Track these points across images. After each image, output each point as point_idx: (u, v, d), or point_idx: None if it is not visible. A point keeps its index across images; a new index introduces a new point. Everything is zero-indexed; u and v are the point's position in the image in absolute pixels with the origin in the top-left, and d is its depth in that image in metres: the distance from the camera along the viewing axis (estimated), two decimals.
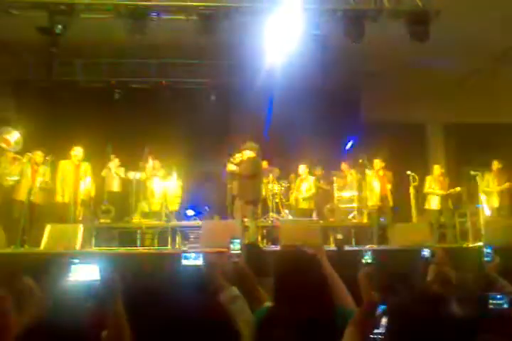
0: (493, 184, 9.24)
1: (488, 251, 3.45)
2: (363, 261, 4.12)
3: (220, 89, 11.17)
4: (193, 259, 2.84)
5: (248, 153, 7.74)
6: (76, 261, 2.35)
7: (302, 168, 10.01)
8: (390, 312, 1.90)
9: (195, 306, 1.33)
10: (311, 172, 10.14)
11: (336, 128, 11.24)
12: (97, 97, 11.04)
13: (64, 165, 8.31)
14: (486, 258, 3.42)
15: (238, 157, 7.86)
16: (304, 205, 9.94)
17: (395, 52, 9.55)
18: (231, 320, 1.42)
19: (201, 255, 2.90)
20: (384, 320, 1.85)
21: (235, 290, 2.42)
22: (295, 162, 10.42)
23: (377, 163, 8.99)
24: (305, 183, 9.94)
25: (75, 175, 8.27)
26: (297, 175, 10.13)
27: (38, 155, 8.25)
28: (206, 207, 10.28)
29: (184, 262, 2.85)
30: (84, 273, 2.33)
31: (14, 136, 8.43)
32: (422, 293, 2.73)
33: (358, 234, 9.53)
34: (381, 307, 1.95)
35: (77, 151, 8.35)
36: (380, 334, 1.89)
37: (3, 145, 8.28)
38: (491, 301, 2.21)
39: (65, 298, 2.30)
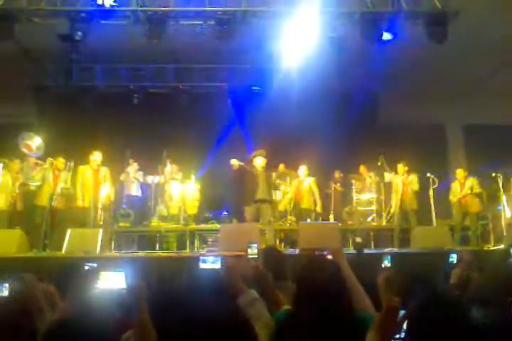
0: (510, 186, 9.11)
1: None
2: (383, 265, 4.09)
3: (238, 93, 11.22)
4: (211, 263, 2.86)
5: (260, 160, 8.25)
6: (92, 265, 2.38)
7: (302, 169, 9.79)
8: (410, 316, 1.88)
9: (214, 310, 1.33)
10: (310, 174, 9.96)
11: (354, 131, 11.18)
12: (116, 102, 11.18)
13: (83, 170, 8.38)
14: None
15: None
16: (304, 205, 9.71)
17: (413, 54, 9.47)
18: (249, 323, 1.42)
19: (219, 258, 2.91)
20: (405, 325, 1.84)
21: (253, 293, 2.43)
22: (314, 164, 10.37)
23: (401, 167, 8.97)
24: (305, 184, 9.73)
25: (95, 179, 8.34)
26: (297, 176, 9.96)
27: (60, 162, 8.34)
28: (225, 212, 10.27)
29: (202, 265, 2.87)
30: (111, 281, 2.35)
31: (36, 141, 8.55)
32: (443, 296, 2.70)
33: (377, 237, 9.46)
34: (402, 312, 1.93)
35: (97, 156, 8.43)
36: (401, 339, 1.87)
37: (26, 150, 8.41)
38: None
39: (91, 305, 2.33)
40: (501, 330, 1.73)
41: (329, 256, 2.87)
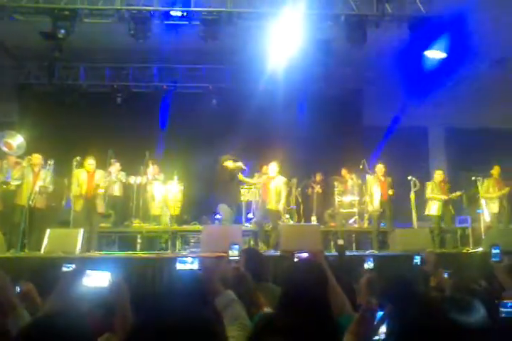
0: (493, 189, 9.21)
1: (497, 251, 3.42)
2: (365, 266, 4.12)
3: (222, 94, 11.19)
4: (188, 264, 2.85)
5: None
6: (70, 266, 2.36)
7: (273, 166, 8.61)
8: (390, 318, 1.89)
9: (187, 310, 1.33)
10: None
11: (338, 132, 11.24)
12: (99, 101, 11.09)
13: (79, 173, 8.21)
14: (494, 259, 3.39)
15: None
16: (271, 206, 8.46)
17: (396, 56, 9.56)
18: (220, 325, 1.41)
19: (197, 259, 2.90)
20: (383, 328, 1.85)
21: (231, 294, 2.42)
22: (297, 165, 10.40)
23: (380, 168, 8.94)
24: (274, 182, 8.54)
25: (89, 182, 8.16)
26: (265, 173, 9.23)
27: (36, 158, 8.18)
28: (218, 214, 10.16)
29: (179, 266, 2.86)
30: (95, 280, 2.35)
31: (17, 140, 8.43)
32: (423, 298, 2.72)
33: (359, 239, 9.51)
34: (380, 314, 1.93)
35: (91, 161, 8.24)
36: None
37: (6, 149, 8.28)
38: (502, 309, 2.12)
39: (70, 304, 2.31)
40: (482, 330, 1.74)
41: (307, 256, 2.88)
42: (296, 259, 3.10)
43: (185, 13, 8.11)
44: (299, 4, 7.79)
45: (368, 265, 4.38)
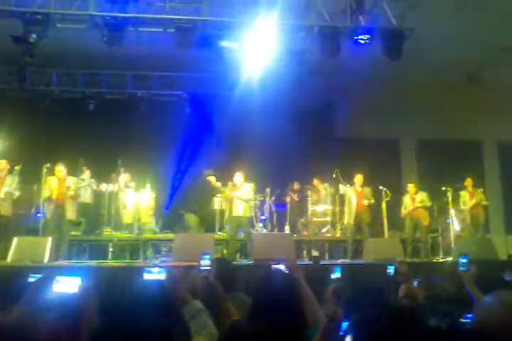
0: (466, 200, 9.40)
1: (464, 261, 3.45)
2: (333, 276, 4.12)
3: (196, 102, 11.15)
4: (155, 273, 2.82)
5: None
6: (37, 276, 2.31)
7: (238, 177, 8.77)
8: (358, 327, 1.88)
9: (150, 320, 1.31)
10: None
11: (310, 142, 11.32)
12: (71, 108, 10.90)
13: (50, 180, 8.03)
14: (461, 268, 3.42)
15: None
16: (239, 214, 8.52)
17: (369, 68, 9.71)
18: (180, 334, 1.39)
19: (164, 269, 2.87)
20: (348, 338, 1.83)
21: (198, 304, 2.40)
22: (270, 175, 10.43)
23: (359, 178, 9.03)
24: (239, 191, 8.61)
25: (60, 189, 7.99)
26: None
27: (0, 164, 8.01)
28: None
29: (147, 276, 2.82)
30: (65, 286, 2.32)
31: None
32: (391, 307, 2.73)
33: (331, 248, 9.56)
34: (345, 324, 1.93)
35: (61, 167, 8.08)
36: None
37: None
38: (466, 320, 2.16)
39: (39, 312, 2.26)
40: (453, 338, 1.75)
41: (285, 269, 2.87)
42: (269, 270, 3.09)
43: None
44: (273, 15, 7.84)
45: (335, 275, 4.37)
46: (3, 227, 7.75)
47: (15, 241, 7.07)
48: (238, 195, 8.48)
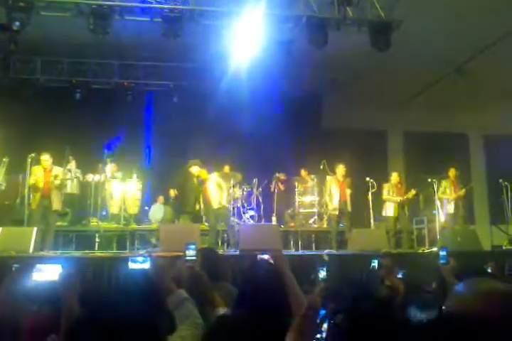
0: (450, 191, 9.48)
1: (444, 253, 3.50)
2: (319, 276, 4.12)
3: (183, 92, 11.08)
4: (140, 263, 2.82)
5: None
6: (18, 266, 2.31)
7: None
8: (333, 316, 1.90)
9: (131, 309, 1.31)
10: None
11: (298, 134, 11.33)
12: (58, 97, 10.77)
13: (35, 170, 7.96)
14: (441, 261, 3.47)
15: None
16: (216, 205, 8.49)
17: (357, 60, 9.71)
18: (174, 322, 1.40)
19: (149, 258, 2.87)
20: (325, 326, 1.86)
21: (182, 293, 2.40)
22: (257, 166, 10.44)
23: (341, 168, 9.03)
24: (211, 182, 8.58)
25: (46, 178, 7.91)
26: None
27: None
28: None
29: (131, 265, 2.83)
30: (45, 274, 2.31)
31: None
32: (373, 297, 2.77)
33: (318, 239, 9.61)
34: (322, 312, 1.95)
35: (47, 157, 8.00)
36: (322, 339, 1.89)
37: None
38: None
39: (18, 302, 2.26)
40: (434, 330, 1.77)
41: (270, 260, 2.89)
42: (255, 260, 3.11)
43: None
44: (261, 4, 7.79)
45: (321, 275, 4.35)
46: None
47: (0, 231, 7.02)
48: (217, 180, 8.52)
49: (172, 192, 10.33)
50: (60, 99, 10.73)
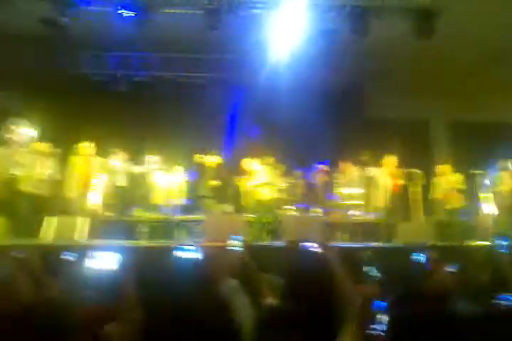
0: (500, 182, 9.21)
1: (505, 243, 3.41)
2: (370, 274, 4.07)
3: (223, 84, 11.12)
4: (190, 252, 2.84)
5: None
6: (71, 256, 2.37)
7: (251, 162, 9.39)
8: (392, 310, 1.90)
9: (192, 298, 1.34)
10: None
11: (340, 123, 11.20)
12: (101, 90, 11.00)
13: (74, 160, 8.28)
14: (502, 250, 3.38)
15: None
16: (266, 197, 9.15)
17: (400, 49, 9.50)
18: (229, 311, 1.43)
19: (199, 248, 2.90)
20: (380, 316, 1.85)
21: (234, 282, 2.44)
22: (300, 157, 10.39)
23: (393, 160, 8.91)
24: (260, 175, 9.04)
25: (86, 169, 8.22)
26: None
27: (43, 146, 8.28)
28: None
29: (182, 255, 2.86)
30: (102, 262, 2.36)
31: (24, 127, 8.46)
32: (424, 291, 2.73)
33: (363, 231, 9.49)
34: (376, 303, 1.94)
35: (87, 145, 8.32)
36: (377, 329, 1.89)
37: (14, 137, 8.31)
38: (502, 302, 2.14)
39: (75, 289, 2.32)
40: (484, 323, 1.75)
41: (318, 250, 2.89)
42: (302, 251, 3.11)
43: None
44: None
45: (369, 268, 4.29)
46: (43, 207, 7.99)
47: (53, 220, 7.26)
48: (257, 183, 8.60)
49: (216, 183, 10.40)
50: (104, 92, 10.95)
